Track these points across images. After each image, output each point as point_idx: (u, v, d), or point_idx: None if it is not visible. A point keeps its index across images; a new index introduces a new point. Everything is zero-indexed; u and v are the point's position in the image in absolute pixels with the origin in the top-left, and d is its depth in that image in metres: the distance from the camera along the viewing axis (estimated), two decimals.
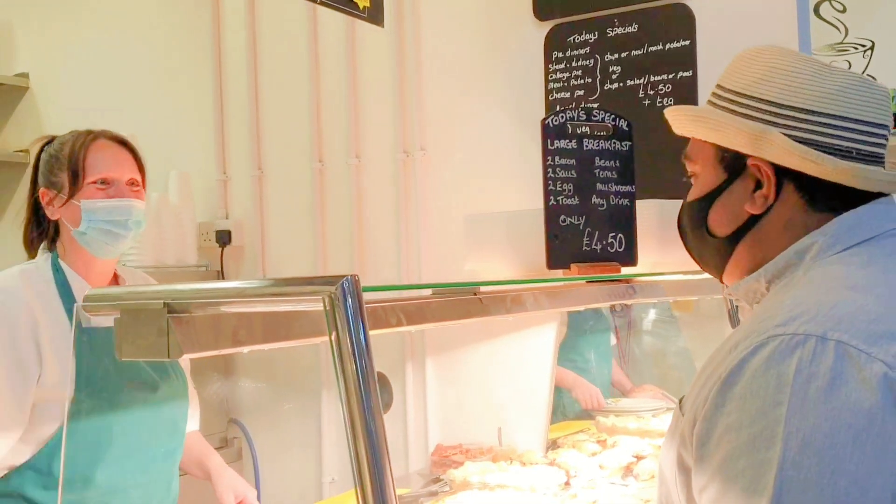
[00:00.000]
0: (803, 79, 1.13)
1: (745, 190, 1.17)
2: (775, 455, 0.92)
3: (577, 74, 2.98)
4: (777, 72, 1.15)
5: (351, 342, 1.14)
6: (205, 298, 1.23)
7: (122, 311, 1.27)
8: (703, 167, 1.22)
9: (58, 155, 1.97)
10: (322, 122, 3.53)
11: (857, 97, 1.12)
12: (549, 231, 1.99)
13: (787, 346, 0.96)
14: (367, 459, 1.12)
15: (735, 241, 1.19)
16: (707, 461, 0.99)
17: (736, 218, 1.19)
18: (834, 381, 0.93)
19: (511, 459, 2.52)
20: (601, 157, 2.06)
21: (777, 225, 1.15)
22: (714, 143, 1.20)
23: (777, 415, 0.93)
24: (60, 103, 4.26)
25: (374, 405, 1.15)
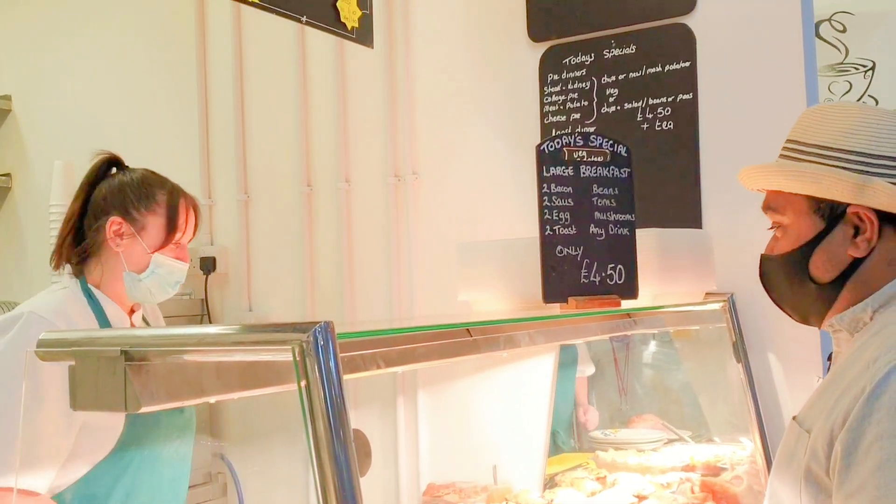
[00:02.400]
0: (888, 129, 1.26)
1: (846, 236, 1.28)
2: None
3: (573, 97, 2.88)
4: (862, 125, 1.27)
5: (324, 395, 1.03)
6: (164, 346, 1.12)
7: (76, 357, 1.17)
8: (797, 218, 1.31)
9: (150, 197, 1.98)
10: (311, 146, 3.43)
11: None
12: (546, 263, 1.88)
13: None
14: None
15: (840, 285, 1.29)
16: (856, 468, 1.08)
17: (839, 263, 1.28)
18: None
19: (506, 500, 2.42)
20: (599, 184, 1.96)
21: (881, 264, 1.26)
22: (811, 195, 1.29)
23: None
24: (43, 126, 4.20)
25: (349, 465, 1.04)
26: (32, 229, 4.12)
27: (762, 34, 2.63)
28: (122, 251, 1.95)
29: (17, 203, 4.26)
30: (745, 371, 2.53)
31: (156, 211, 1.97)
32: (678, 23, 2.73)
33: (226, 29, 3.61)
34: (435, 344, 1.49)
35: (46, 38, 4.17)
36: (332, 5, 2.63)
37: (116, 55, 3.96)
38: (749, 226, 2.58)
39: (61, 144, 3.99)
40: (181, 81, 3.73)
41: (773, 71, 2.60)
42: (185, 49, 3.71)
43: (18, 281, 4.09)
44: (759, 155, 2.56)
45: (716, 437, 2.92)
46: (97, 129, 3.92)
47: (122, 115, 3.90)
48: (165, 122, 3.81)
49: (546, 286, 1.88)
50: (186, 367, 1.15)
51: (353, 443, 1.05)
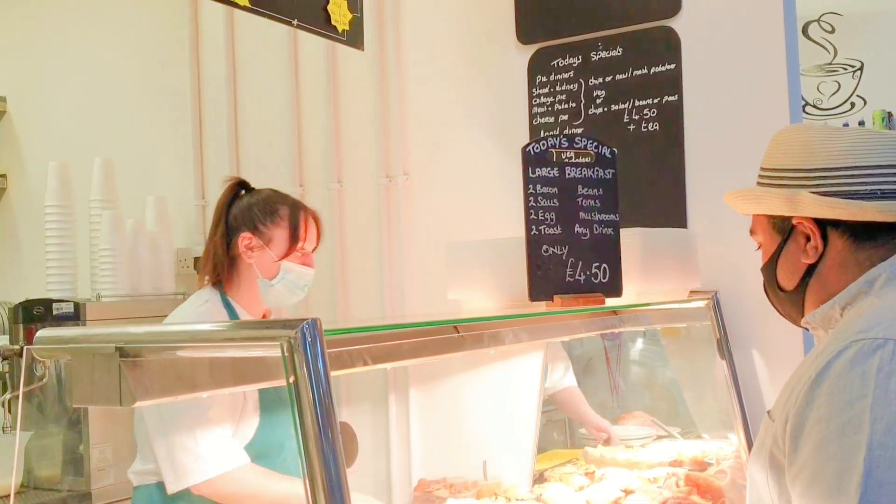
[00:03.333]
0: (818, 144, 1.34)
1: (798, 246, 1.37)
2: (863, 438, 1.09)
3: (561, 99, 2.92)
4: (796, 143, 1.37)
5: (311, 389, 1.07)
6: (158, 342, 1.16)
7: (73, 354, 1.21)
8: (764, 236, 1.43)
9: (274, 212, 2.23)
10: (303, 147, 3.47)
11: (867, 147, 1.32)
12: (531, 262, 1.92)
13: (868, 348, 1.15)
14: None
15: (803, 291, 1.39)
16: (800, 450, 1.16)
17: (797, 270, 1.38)
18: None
19: (496, 495, 2.45)
20: (584, 184, 2.00)
21: (833, 267, 1.35)
22: (763, 213, 1.41)
23: (863, 405, 1.11)
24: (39, 127, 4.22)
25: (336, 456, 1.08)
26: (28, 229, 4.15)
27: (746, 37, 2.67)
28: (253, 262, 2.21)
29: (13, 203, 4.29)
30: (730, 367, 2.57)
31: (280, 224, 2.22)
32: (664, 26, 2.77)
33: (219, 30, 3.63)
34: (423, 340, 1.52)
35: (42, 40, 4.20)
36: (323, 8, 2.67)
37: (111, 57, 3.99)
38: (733, 226, 2.63)
39: (56, 145, 4.02)
40: (175, 83, 3.76)
41: (756, 73, 2.65)
42: (179, 50, 3.74)
43: (14, 280, 4.12)
44: (742, 156, 2.62)
45: (704, 433, 2.96)
46: (92, 130, 3.95)
47: (117, 117, 3.92)
48: (159, 123, 3.84)
49: (532, 285, 1.92)
50: (180, 363, 1.19)
51: (339, 434, 1.09)
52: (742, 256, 2.60)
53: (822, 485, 1.12)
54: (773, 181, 1.38)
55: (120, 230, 3.27)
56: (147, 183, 3.68)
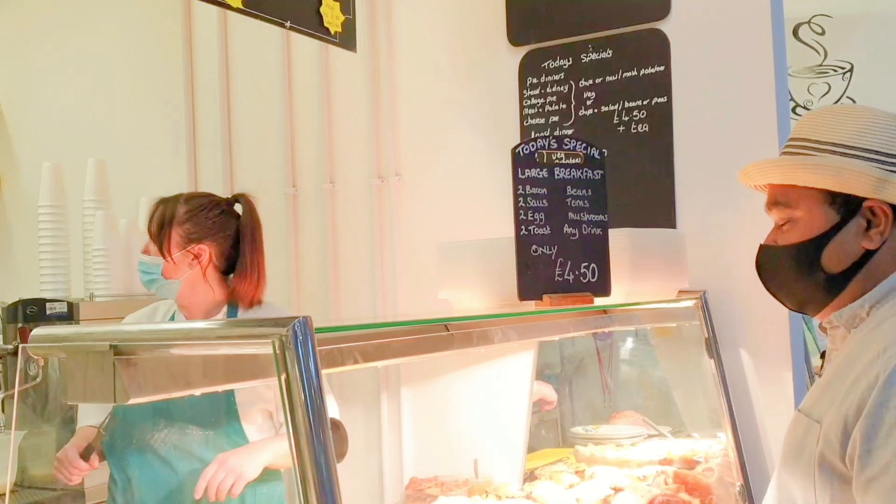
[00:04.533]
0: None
1: (859, 229, 1.32)
2: None
3: (551, 100, 2.95)
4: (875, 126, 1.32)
5: (302, 386, 1.09)
6: (151, 340, 1.18)
7: (67, 352, 1.22)
8: (809, 211, 1.35)
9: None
10: (296, 147, 3.49)
11: None
12: (521, 262, 1.94)
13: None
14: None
15: (849, 276, 1.33)
16: (878, 452, 1.11)
17: (852, 254, 1.33)
18: None
19: (486, 493, 2.47)
20: (573, 185, 2.02)
21: (888, 257, 1.32)
22: (828, 188, 1.33)
23: None
24: (32, 128, 4.23)
25: (326, 452, 1.10)
26: (21, 230, 4.16)
27: (734, 39, 2.70)
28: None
29: (6, 204, 4.30)
30: (718, 366, 2.60)
31: None
32: (653, 28, 2.80)
33: (212, 32, 3.65)
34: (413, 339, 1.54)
35: (35, 42, 4.21)
36: (316, 10, 2.68)
37: (104, 59, 4.01)
38: (721, 226, 2.66)
39: (50, 146, 4.04)
40: (168, 84, 3.77)
41: (744, 74, 2.68)
42: (172, 52, 3.75)
43: (7, 280, 4.12)
44: (731, 157, 2.65)
45: (694, 432, 2.98)
46: (85, 131, 3.96)
47: (110, 118, 3.94)
48: (153, 124, 3.85)
49: (521, 284, 1.94)
50: (173, 361, 1.21)
51: (330, 429, 1.11)
52: (730, 257, 2.63)
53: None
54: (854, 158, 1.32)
55: (113, 230, 3.28)
56: (140, 184, 3.69)
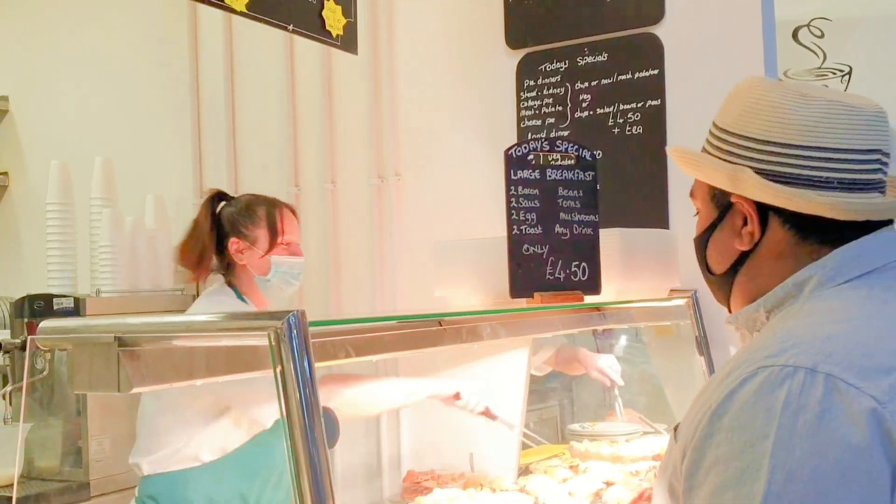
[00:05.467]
0: (783, 112, 1.12)
1: (734, 227, 1.17)
2: (760, 488, 0.92)
3: (548, 102, 3.01)
4: (760, 106, 1.14)
5: (296, 377, 1.15)
6: (154, 332, 1.24)
7: (74, 344, 1.28)
8: (702, 205, 1.23)
9: (252, 215, 2.41)
10: (298, 148, 3.55)
11: (837, 125, 1.10)
12: (513, 260, 2.00)
13: (776, 377, 0.96)
14: (311, 495, 1.13)
15: (731, 279, 1.20)
16: (696, 492, 0.99)
17: (729, 255, 1.19)
18: (822, 416, 0.92)
19: (481, 486, 2.51)
20: (565, 186, 2.08)
21: (767, 259, 1.15)
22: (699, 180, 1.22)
23: (764, 448, 0.93)
24: (40, 126, 4.29)
25: (318, 440, 1.16)
26: (29, 227, 4.22)
27: (727, 43, 2.75)
28: (246, 263, 2.40)
29: (15, 201, 4.36)
30: (708, 364, 2.65)
31: (259, 224, 2.40)
32: (648, 32, 2.86)
33: (217, 33, 3.71)
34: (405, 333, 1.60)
35: (43, 40, 4.26)
36: (318, 14, 2.74)
37: (112, 58, 4.06)
38: None
39: (58, 144, 4.09)
40: (174, 84, 3.83)
41: (737, 78, 2.68)
42: (179, 52, 3.80)
43: (15, 276, 4.18)
44: None
45: None
46: (93, 129, 4.02)
47: (117, 116, 3.99)
48: (159, 123, 3.91)
49: (513, 282, 2.00)
50: (175, 352, 1.27)
51: (322, 418, 1.17)
52: None
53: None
54: (722, 146, 1.17)
55: (119, 228, 3.34)
56: (146, 182, 3.75)
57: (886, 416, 0.91)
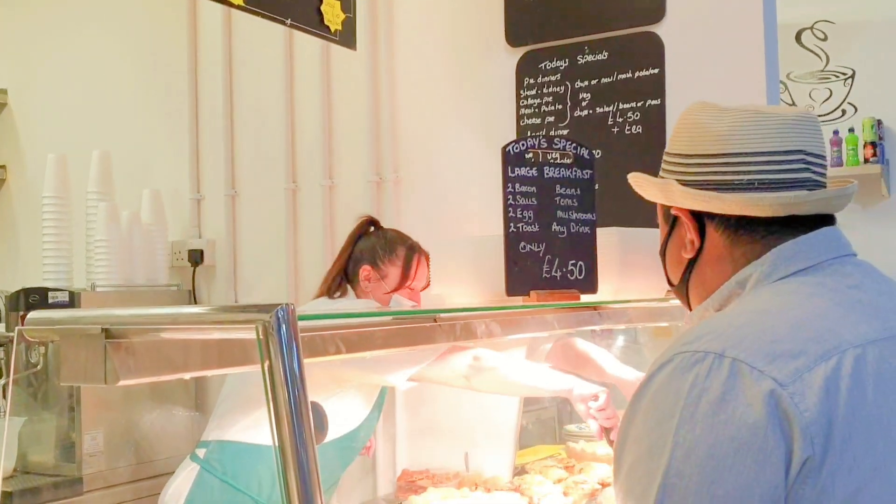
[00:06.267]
0: (701, 127, 1.22)
1: (680, 238, 1.26)
2: (662, 464, 0.98)
3: (547, 101, 2.99)
4: (685, 126, 1.26)
5: (284, 372, 1.13)
6: (141, 324, 1.22)
7: (61, 335, 1.26)
8: (660, 222, 1.33)
9: (392, 252, 2.54)
10: (296, 144, 3.54)
11: (749, 132, 1.19)
12: (509, 258, 1.99)
13: (687, 362, 1.02)
14: (298, 492, 1.11)
15: (685, 287, 1.29)
16: (619, 470, 1.06)
17: (679, 264, 1.28)
18: (724, 397, 0.98)
19: (475, 485, 2.50)
20: (562, 184, 2.07)
21: (709, 263, 1.23)
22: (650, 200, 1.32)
23: (669, 426, 0.99)
24: (38, 119, 4.28)
25: (306, 436, 1.14)
26: (25, 220, 4.21)
27: (727, 43, 2.74)
28: (370, 291, 2.53)
29: (12, 195, 4.36)
30: None
31: (395, 263, 2.53)
32: (648, 31, 2.85)
33: (216, 28, 3.70)
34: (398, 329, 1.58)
35: (42, 33, 4.25)
36: (317, 8, 2.73)
37: (110, 52, 4.05)
38: None
39: (55, 138, 4.08)
40: (173, 79, 3.82)
41: (737, 78, 2.71)
42: (177, 47, 3.80)
43: (11, 269, 4.18)
44: None
45: None
46: (91, 123, 4.01)
47: (115, 111, 3.98)
48: (157, 118, 3.90)
49: (509, 280, 1.99)
50: (163, 345, 1.25)
51: (310, 413, 1.15)
52: None
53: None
54: (664, 165, 1.28)
55: (116, 222, 3.33)
56: (143, 177, 3.74)
57: (785, 397, 0.96)
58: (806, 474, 0.96)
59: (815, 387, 0.98)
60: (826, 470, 0.95)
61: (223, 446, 2.35)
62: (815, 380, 0.98)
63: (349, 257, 2.58)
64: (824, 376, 0.98)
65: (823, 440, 0.96)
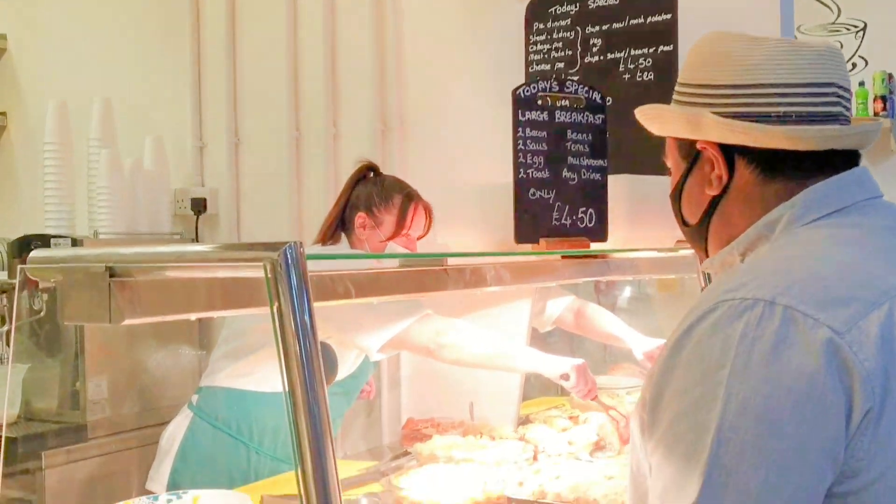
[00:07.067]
0: (732, 58, 1.16)
1: (703, 175, 1.19)
2: (714, 417, 0.93)
3: (557, 47, 2.93)
4: (710, 56, 1.19)
5: (293, 312, 1.11)
6: (146, 262, 1.20)
7: (64, 274, 1.24)
8: (672, 161, 1.26)
9: (388, 200, 2.47)
10: (300, 91, 3.48)
11: (785, 62, 1.14)
12: (518, 205, 1.96)
13: (735, 310, 0.96)
14: (308, 435, 1.10)
15: (706, 227, 1.21)
16: (656, 425, 1.00)
17: (700, 203, 1.21)
18: (778, 346, 0.93)
19: (481, 434, 2.50)
20: (573, 129, 2.03)
21: (737, 202, 1.17)
22: (668, 136, 1.24)
23: (719, 377, 0.94)
24: (38, 65, 4.22)
25: (316, 379, 1.12)
26: (27, 167, 4.17)
27: None
28: (364, 239, 2.45)
29: (12, 142, 4.31)
30: None
31: (391, 210, 2.45)
32: None
33: None
34: (409, 272, 1.55)
35: None
36: None
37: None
38: None
39: (56, 84, 4.03)
40: (174, 24, 3.75)
41: (750, 26, 2.61)
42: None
43: (12, 218, 4.15)
44: None
45: None
46: (92, 69, 3.95)
47: (116, 57, 3.92)
48: (159, 64, 3.84)
49: (518, 227, 1.96)
50: (168, 284, 1.23)
51: (320, 353, 1.13)
52: None
53: (670, 468, 0.96)
54: (682, 99, 1.20)
55: (118, 169, 3.30)
56: (145, 124, 3.70)
57: (844, 347, 0.93)
58: (865, 426, 0.92)
59: (871, 335, 0.94)
60: (884, 421, 0.92)
61: (212, 392, 2.40)
62: (871, 328, 0.94)
63: (346, 204, 2.52)
64: (878, 324, 0.95)
65: (882, 391, 0.92)
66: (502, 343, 2.37)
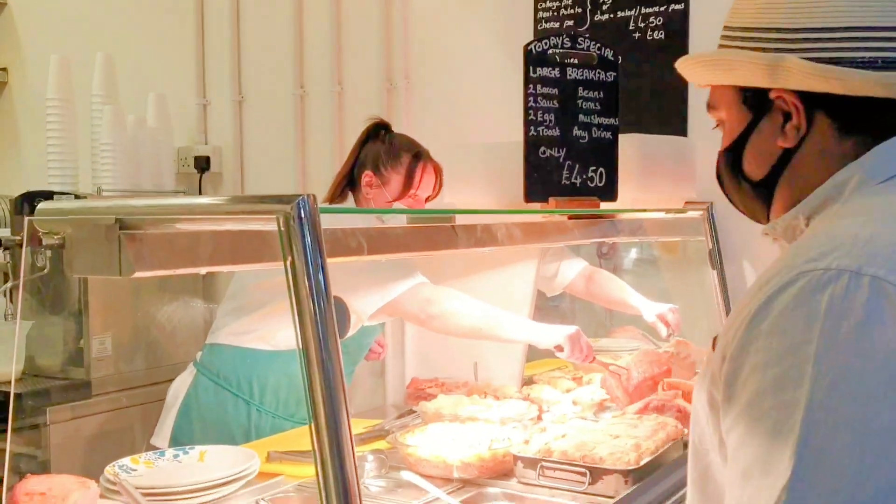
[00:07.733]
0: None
1: (775, 125, 1.10)
2: (803, 395, 0.87)
3: (567, 3, 2.89)
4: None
5: (306, 266, 1.09)
6: (157, 214, 1.18)
7: (73, 226, 1.22)
8: (728, 112, 1.16)
9: (395, 158, 2.43)
10: (305, 48, 3.44)
11: (868, 4, 1.05)
12: (528, 163, 1.93)
13: (818, 281, 0.90)
14: (322, 391, 1.09)
15: (773, 182, 1.13)
16: (734, 401, 0.95)
17: (770, 157, 1.12)
18: (868, 320, 0.87)
19: (485, 393, 2.51)
20: (585, 87, 1.99)
21: (813, 155, 1.08)
22: (733, 84, 1.13)
23: (806, 353, 0.88)
24: (40, 20, 4.17)
25: (329, 333, 1.11)
26: (29, 123, 4.14)
27: None
28: (371, 198, 2.41)
29: (14, 97, 4.27)
30: (720, 277, 2.61)
31: (398, 170, 2.41)
32: None
33: None
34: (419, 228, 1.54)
35: None
36: None
37: None
38: None
39: (57, 39, 3.99)
40: None
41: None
42: None
43: (15, 175, 4.13)
44: None
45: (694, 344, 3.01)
46: (93, 25, 3.91)
47: (119, 13, 3.88)
48: (161, 20, 3.79)
49: (528, 185, 1.93)
50: (178, 237, 1.21)
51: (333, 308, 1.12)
52: None
53: (753, 447, 0.91)
54: (749, 44, 1.09)
55: (121, 125, 3.27)
56: (148, 81, 3.66)
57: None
58: None
59: None
60: None
61: (214, 349, 2.40)
62: None
63: (355, 162, 2.49)
64: None
65: None
66: (495, 314, 2.35)
